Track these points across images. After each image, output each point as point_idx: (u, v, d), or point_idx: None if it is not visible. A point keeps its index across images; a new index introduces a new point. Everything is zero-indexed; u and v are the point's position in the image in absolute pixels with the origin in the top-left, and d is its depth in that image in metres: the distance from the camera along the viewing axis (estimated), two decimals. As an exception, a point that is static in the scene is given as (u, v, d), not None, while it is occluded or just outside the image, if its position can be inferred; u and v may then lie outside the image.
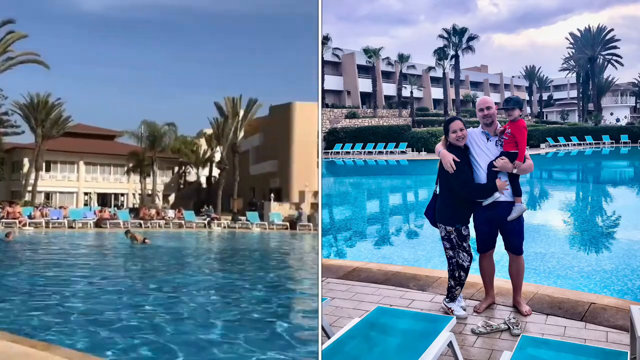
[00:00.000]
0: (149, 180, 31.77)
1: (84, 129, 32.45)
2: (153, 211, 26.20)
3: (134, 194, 33.37)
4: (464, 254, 5.16)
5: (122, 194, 33.92)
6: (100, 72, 42.00)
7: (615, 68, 59.91)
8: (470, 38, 49.57)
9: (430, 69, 53.17)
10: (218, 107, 31.06)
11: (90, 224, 23.17)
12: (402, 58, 50.30)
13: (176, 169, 36.21)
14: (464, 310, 5.24)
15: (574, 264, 8.88)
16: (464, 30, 49.26)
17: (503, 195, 5.08)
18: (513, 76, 70.69)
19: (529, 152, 5.20)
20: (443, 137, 5.27)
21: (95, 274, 10.46)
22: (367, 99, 52.93)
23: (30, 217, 22.94)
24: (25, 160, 30.23)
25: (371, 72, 50.34)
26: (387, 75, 56.60)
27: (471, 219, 5.26)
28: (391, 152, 38.48)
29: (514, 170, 5.08)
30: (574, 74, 61.78)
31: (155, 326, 6.26)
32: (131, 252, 14.89)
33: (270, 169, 31.38)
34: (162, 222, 24.77)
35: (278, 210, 26.21)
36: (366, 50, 48.98)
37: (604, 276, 7.98)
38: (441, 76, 53.52)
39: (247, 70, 43.81)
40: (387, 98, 55.69)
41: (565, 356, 3.48)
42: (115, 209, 28.67)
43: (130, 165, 32.12)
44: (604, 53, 58.95)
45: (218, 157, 32.50)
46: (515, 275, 5.32)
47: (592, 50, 57.55)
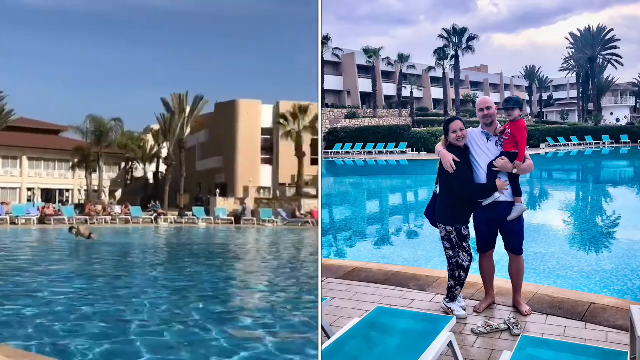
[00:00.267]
0: (95, 176, 31.52)
1: (27, 123, 31.82)
2: (99, 207, 26.01)
3: (79, 190, 33.01)
4: (464, 254, 5.16)
5: (67, 190, 33.43)
6: (44, 67, 41.10)
7: (615, 68, 60.03)
8: (470, 38, 49.59)
9: (430, 69, 53.18)
10: (165, 104, 30.93)
11: (33, 221, 22.71)
12: (402, 58, 50.32)
13: (123, 164, 35.90)
14: (464, 310, 5.24)
15: (574, 264, 8.87)
16: (464, 30, 49.27)
17: (503, 195, 5.08)
18: (513, 76, 70.74)
19: (529, 152, 5.19)
20: (443, 137, 5.27)
21: (36, 270, 10.25)
22: (367, 99, 52.94)
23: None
24: (-35, 155, 29.52)
25: (371, 72, 50.35)
26: (387, 75, 56.61)
27: (471, 219, 5.27)
28: (391, 152, 38.49)
29: (514, 170, 5.08)
30: (574, 74, 61.82)
31: (101, 323, 6.17)
32: (75, 248, 14.64)
33: (216, 164, 31.57)
34: (109, 218, 24.49)
35: (223, 206, 26.56)
36: (366, 50, 48.99)
37: (604, 276, 7.98)
38: (441, 76, 53.54)
39: (199, 67, 43.38)
40: (387, 98, 55.71)
41: (565, 356, 3.48)
42: (60, 205, 28.26)
43: (76, 160, 31.78)
44: (604, 53, 58.97)
45: (165, 153, 32.38)
46: (515, 275, 5.32)
47: (592, 50, 57.55)
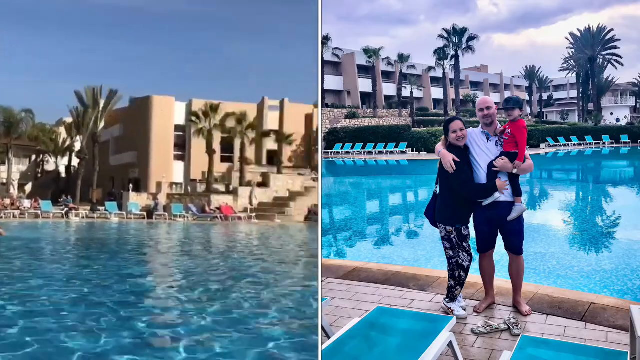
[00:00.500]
0: (4, 168, 30.74)
1: None
2: (7, 201, 25.43)
3: (-14, 183, 32.17)
4: (464, 254, 5.16)
5: (-26, 183, 32.41)
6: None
7: (615, 68, 60.07)
8: (470, 38, 49.60)
9: (430, 69, 53.19)
10: (78, 96, 30.41)
11: (-64, 215, 22.01)
12: (402, 58, 50.33)
13: (33, 157, 35.01)
14: (464, 310, 5.24)
15: (574, 264, 8.88)
16: (464, 30, 49.28)
17: (503, 195, 5.08)
18: (513, 76, 70.77)
19: (529, 152, 5.20)
20: (443, 137, 5.27)
21: None
22: (367, 99, 52.95)
23: None
24: None
25: (371, 72, 50.36)
26: (387, 75, 56.62)
27: (471, 219, 5.27)
28: (391, 152, 38.49)
29: (514, 170, 5.08)
30: (574, 74, 61.85)
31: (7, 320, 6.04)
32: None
33: (130, 159, 31.46)
34: (17, 212, 23.87)
35: (136, 201, 26.49)
36: (366, 50, 48.99)
37: (604, 276, 7.98)
38: (441, 76, 53.55)
39: (115, 59, 42.50)
40: (387, 98, 55.72)
41: (565, 356, 3.48)
42: (-34, 199, 27.54)
43: (-17, 152, 30.82)
44: (604, 53, 59.00)
45: (78, 147, 31.68)
46: (515, 275, 5.32)
47: (592, 50, 57.57)
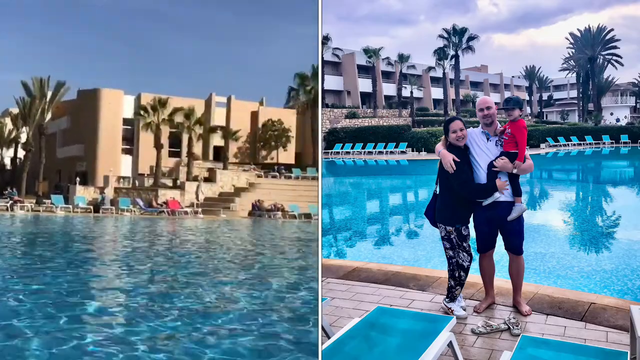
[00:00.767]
0: None
1: None
2: None
3: None
4: (464, 254, 5.16)
5: None
6: None
7: (615, 68, 59.99)
8: (470, 38, 49.57)
9: (430, 69, 53.16)
10: (25, 87, 30.02)
11: None
12: (402, 58, 50.30)
13: None
14: (464, 310, 5.24)
15: (574, 264, 8.87)
16: (464, 30, 49.26)
17: (503, 195, 5.08)
18: (513, 76, 70.72)
19: (529, 152, 5.20)
20: (443, 137, 5.27)
21: None
22: (367, 99, 52.93)
23: None
24: None
25: (371, 72, 50.34)
26: (387, 75, 56.60)
27: (471, 219, 5.27)
28: (391, 152, 38.48)
29: (514, 170, 5.08)
30: (574, 74, 61.81)
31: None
32: None
33: (77, 152, 31.43)
34: None
35: (83, 194, 26.51)
36: (366, 50, 48.96)
37: (604, 276, 7.98)
38: (441, 76, 53.52)
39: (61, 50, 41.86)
40: (387, 98, 55.69)
41: (565, 356, 3.48)
42: None
43: None
44: (604, 53, 58.96)
45: (24, 138, 31.37)
46: (515, 275, 5.32)
47: (592, 50, 57.55)
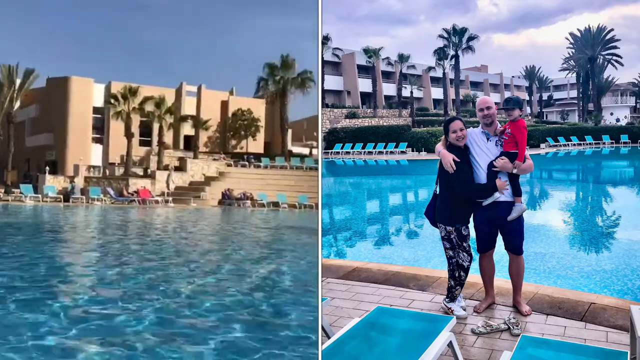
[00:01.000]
0: None
1: None
2: None
3: None
4: (464, 254, 5.16)
5: None
6: None
7: (615, 68, 60.15)
8: (470, 38, 49.61)
9: (430, 69, 53.20)
10: None
11: None
12: (402, 58, 50.33)
13: None
14: (464, 310, 5.24)
15: (574, 264, 8.87)
16: (464, 30, 49.29)
17: (503, 195, 5.08)
18: (513, 76, 70.79)
19: (529, 152, 5.20)
20: (443, 137, 5.27)
21: None
22: (367, 99, 52.95)
23: None
24: None
25: (371, 72, 50.36)
26: (387, 75, 56.62)
27: (471, 219, 5.27)
28: (391, 152, 38.49)
29: (514, 170, 5.08)
30: (574, 74, 61.88)
31: None
32: None
33: (46, 141, 31.13)
34: None
35: (53, 183, 26.36)
36: (366, 50, 48.99)
37: (604, 276, 7.98)
38: (441, 76, 53.56)
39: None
40: (387, 98, 55.72)
41: (565, 356, 3.48)
42: None
43: None
44: (604, 53, 59.02)
45: None
46: (515, 275, 5.32)
47: (592, 50, 57.59)
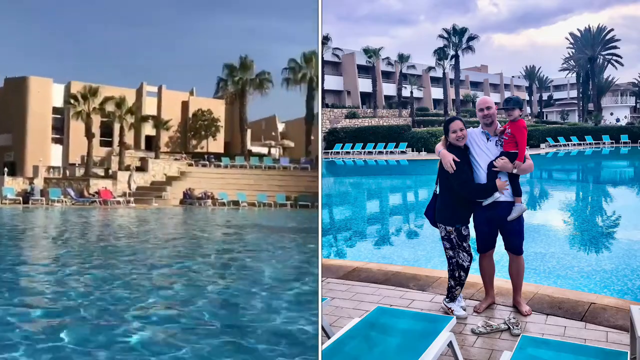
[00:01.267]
0: None
1: None
2: None
3: None
4: (464, 254, 5.16)
5: None
6: None
7: (615, 68, 60.14)
8: (470, 38, 49.61)
9: (430, 69, 53.19)
10: None
11: None
12: (402, 58, 50.33)
13: None
14: (464, 310, 5.24)
15: (574, 264, 8.87)
16: (464, 30, 49.29)
17: (503, 195, 5.08)
18: (513, 76, 70.79)
19: (529, 152, 5.20)
20: (443, 137, 5.27)
21: None
22: (367, 99, 52.95)
23: None
24: None
25: (371, 72, 50.35)
26: (387, 75, 56.62)
27: (471, 219, 5.27)
28: (391, 152, 38.48)
29: (514, 170, 5.08)
30: (574, 74, 61.89)
31: None
32: None
33: (4, 142, 30.77)
34: None
35: (11, 185, 26.12)
36: (366, 50, 48.98)
37: (604, 276, 7.97)
38: (441, 76, 53.56)
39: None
40: (387, 98, 55.72)
41: (565, 356, 3.48)
42: None
43: None
44: (604, 53, 59.02)
45: None
46: (515, 275, 5.32)
47: (592, 50, 57.59)
